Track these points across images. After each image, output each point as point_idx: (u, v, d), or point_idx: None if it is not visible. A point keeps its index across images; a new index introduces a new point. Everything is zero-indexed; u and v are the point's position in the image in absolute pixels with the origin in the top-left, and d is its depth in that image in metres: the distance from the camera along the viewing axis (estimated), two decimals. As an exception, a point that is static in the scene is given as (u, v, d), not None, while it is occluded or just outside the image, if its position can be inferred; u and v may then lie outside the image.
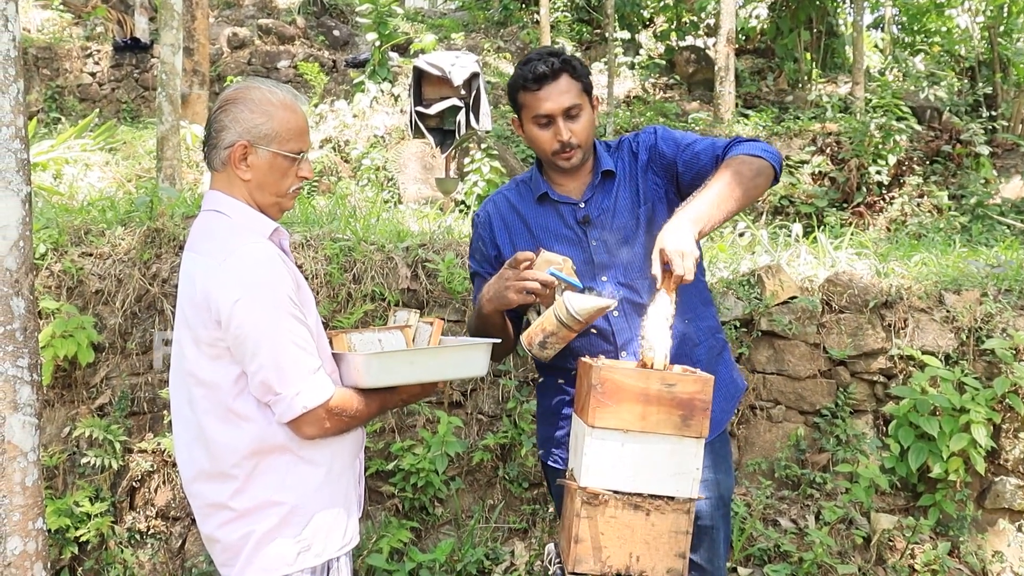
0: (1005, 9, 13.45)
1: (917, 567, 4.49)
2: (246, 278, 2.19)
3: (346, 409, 2.31)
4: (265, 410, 2.25)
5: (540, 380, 2.96)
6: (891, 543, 4.61)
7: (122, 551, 4.38)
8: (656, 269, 2.35)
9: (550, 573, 2.52)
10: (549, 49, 2.72)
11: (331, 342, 2.52)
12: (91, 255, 4.82)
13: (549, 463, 2.89)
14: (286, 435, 2.27)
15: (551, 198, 2.81)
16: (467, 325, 2.94)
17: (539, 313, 2.57)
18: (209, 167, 2.38)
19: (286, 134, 2.32)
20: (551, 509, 4.65)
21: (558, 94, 2.66)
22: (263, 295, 2.19)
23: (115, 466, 4.44)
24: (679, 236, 2.33)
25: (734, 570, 4.41)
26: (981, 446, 4.49)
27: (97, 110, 12.62)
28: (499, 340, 2.63)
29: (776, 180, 2.68)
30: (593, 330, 2.69)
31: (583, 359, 2.46)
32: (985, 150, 11.08)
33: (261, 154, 2.31)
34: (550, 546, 2.64)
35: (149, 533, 4.47)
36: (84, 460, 4.42)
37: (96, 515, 4.36)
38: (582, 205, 2.78)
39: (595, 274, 2.72)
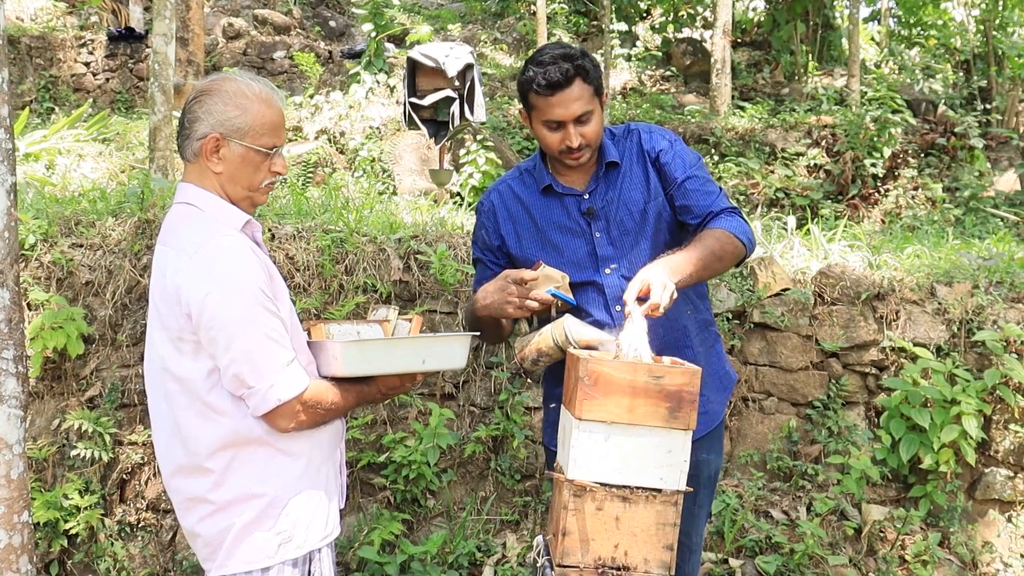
0: (1000, 3, 13.42)
1: (908, 558, 4.50)
2: (216, 271, 2.17)
3: (321, 401, 2.30)
4: (240, 403, 2.24)
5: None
6: (882, 534, 4.62)
7: (112, 544, 4.37)
8: (630, 295, 2.39)
9: (538, 566, 2.51)
10: (563, 51, 2.69)
11: (309, 332, 2.51)
12: (81, 246, 4.80)
13: (552, 447, 2.90)
14: (263, 428, 2.26)
15: (555, 190, 2.83)
16: (463, 313, 2.97)
17: (530, 322, 2.67)
18: (182, 157, 2.37)
19: (260, 128, 2.30)
20: (543, 500, 4.66)
21: (570, 101, 2.66)
22: (234, 288, 2.17)
23: (105, 458, 4.43)
24: (664, 274, 2.41)
25: (725, 561, 4.42)
26: (972, 437, 4.50)
27: (91, 100, 12.57)
28: (478, 333, 2.69)
29: (738, 265, 2.83)
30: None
31: (570, 351, 2.45)
32: (979, 143, 11.09)
33: (233, 147, 2.29)
34: (539, 538, 2.63)
35: (139, 526, 4.46)
36: (74, 452, 4.41)
37: (86, 508, 4.35)
38: (586, 197, 2.80)
39: (599, 266, 2.77)
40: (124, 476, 4.50)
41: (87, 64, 13.76)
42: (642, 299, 2.38)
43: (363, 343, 2.41)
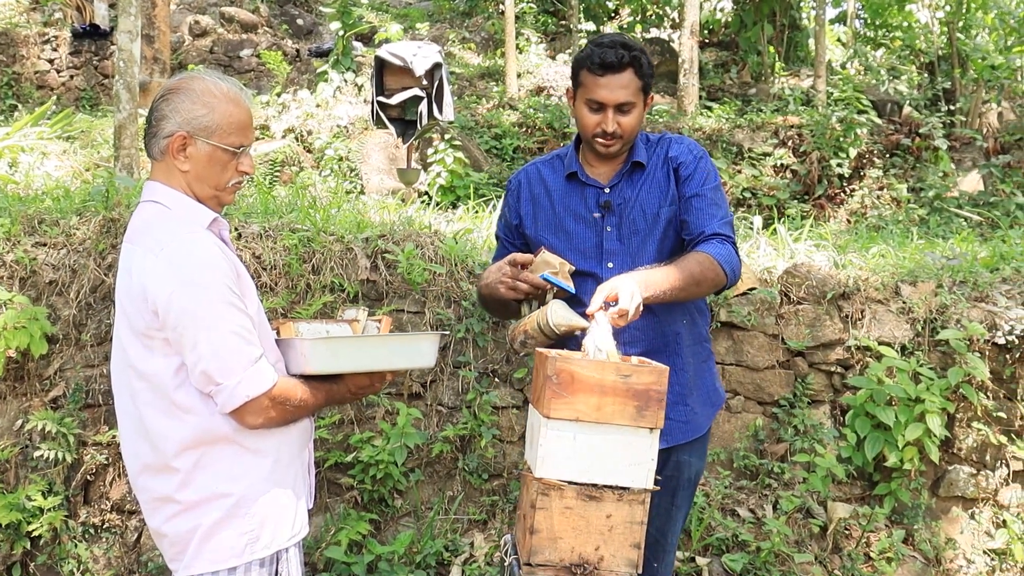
0: (964, 5, 13.59)
1: (872, 555, 4.54)
2: (182, 269, 2.17)
3: (290, 398, 2.29)
4: (208, 401, 2.23)
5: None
6: (847, 531, 4.66)
7: (76, 546, 4.32)
8: (597, 300, 2.43)
9: (506, 564, 2.52)
10: (624, 40, 2.78)
11: (279, 331, 2.50)
12: (45, 245, 4.74)
13: None
14: (230, 426, 2.25)
15: (579, 178, 2.90)
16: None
17: (530, 307, 2.70)
18: (149, 155, 2.36)
19: (227, 127, 2.30)
20: (511, 499, 4.66)
21: (617, 87, 2.74)
22: (201, 285, 2.17)
23: (69, 459, 4.38)
24: (635, 285, 2.44)
25: (692, 559, 4.44)
26: (935, 435, 4.54)
27: (55, 97, 12.42)
28: (447, 333, 2.73)
29: (717, 294, 2.91)
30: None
31: (539, 350, 2.46)
32: (943, 144, 11.21)
33: (200, 146, 2.29)
34: (507, 537, 2.64)
35: (104, 527, 4.41)
36: (37, 453, 4.35)
37: (49, 509, 4.29)
38: (607, 190, 2.87)
39: (602, 259, 2.83)
40: (88, 477, 4.45)
41: (51, 61, 13.61)
42: (611, 305, 2.40)
43: (332, 340, 2.41)
